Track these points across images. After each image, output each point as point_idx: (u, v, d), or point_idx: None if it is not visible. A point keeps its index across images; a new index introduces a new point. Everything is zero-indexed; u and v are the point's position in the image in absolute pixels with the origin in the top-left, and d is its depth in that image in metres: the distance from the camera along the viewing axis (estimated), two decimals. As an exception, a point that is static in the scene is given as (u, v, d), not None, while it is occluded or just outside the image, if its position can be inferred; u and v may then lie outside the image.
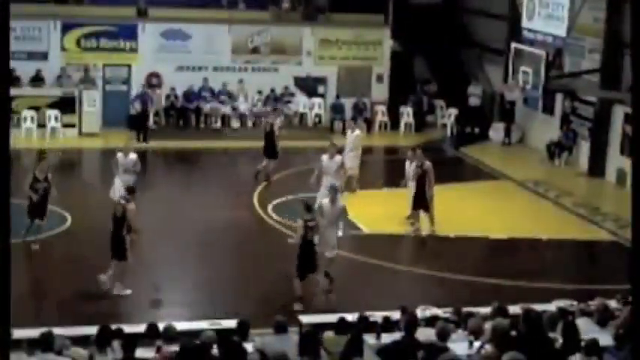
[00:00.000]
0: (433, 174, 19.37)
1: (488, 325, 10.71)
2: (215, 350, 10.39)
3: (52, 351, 10.28)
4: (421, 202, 19.44)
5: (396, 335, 10.95)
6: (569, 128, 26.49)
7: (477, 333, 10.82)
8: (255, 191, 22.14)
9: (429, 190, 19.34)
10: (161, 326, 11.51)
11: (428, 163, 19.39)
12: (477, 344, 10.58)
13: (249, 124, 29.17)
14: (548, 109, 28.03)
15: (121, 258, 15.53)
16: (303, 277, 15.37)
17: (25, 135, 26.51)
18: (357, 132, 22.69)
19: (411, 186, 19.68)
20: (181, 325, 11.68)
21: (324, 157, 19.25)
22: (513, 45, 24.03)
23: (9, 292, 6.27)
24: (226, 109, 28.96)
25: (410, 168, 19.86)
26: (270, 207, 20.88)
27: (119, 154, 19.29)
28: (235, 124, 29.11)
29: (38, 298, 15.45)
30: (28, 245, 17.22)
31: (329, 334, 11.75)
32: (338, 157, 19.47)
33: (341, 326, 11.86)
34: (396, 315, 12.56)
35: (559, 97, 27.26)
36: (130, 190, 17.66)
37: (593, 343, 10.10)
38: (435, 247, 18.92)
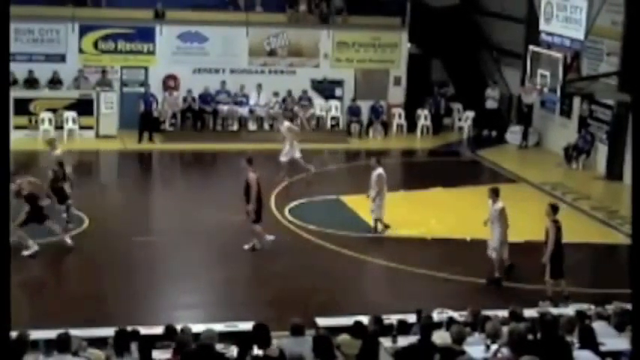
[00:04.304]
0: (256, 187, 17.96)
1: (505, 329, 10.70)
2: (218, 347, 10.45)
3: (69, 352, 10.32)
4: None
5: (412, 338, 10.94)
6: (587, 131, 26.41)
7: (493, 336, 10.81)
8: (272, 193, 22.15)
9: (250, 205, 17.91)
10: (178, 328, 11.55)
11: (252, 175, 17.90)
12: (493, 348, 10.56)
13: (266, 126, 29.19)
14: (566, 112, 27.95)
15: None
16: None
17: (42, 137, 26.62)
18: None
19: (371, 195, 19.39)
20: (198, 327, 11.68)
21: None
22: (531, 48, 23.90)
23: (9, 292, 6.28)
24: (243, 112, 28.97)
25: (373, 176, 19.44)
26: (287, 209, 20.88)
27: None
28: (252, 126, 29.12)
29: (55, 299, 15.49)
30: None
31: (345, 337, 11.72)
32: None
33: (357, 330, 11.84)
34: (412, 318, 12.55)
35: (577, 100, 27.17)
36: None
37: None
38: (451, 251, 18.87)
